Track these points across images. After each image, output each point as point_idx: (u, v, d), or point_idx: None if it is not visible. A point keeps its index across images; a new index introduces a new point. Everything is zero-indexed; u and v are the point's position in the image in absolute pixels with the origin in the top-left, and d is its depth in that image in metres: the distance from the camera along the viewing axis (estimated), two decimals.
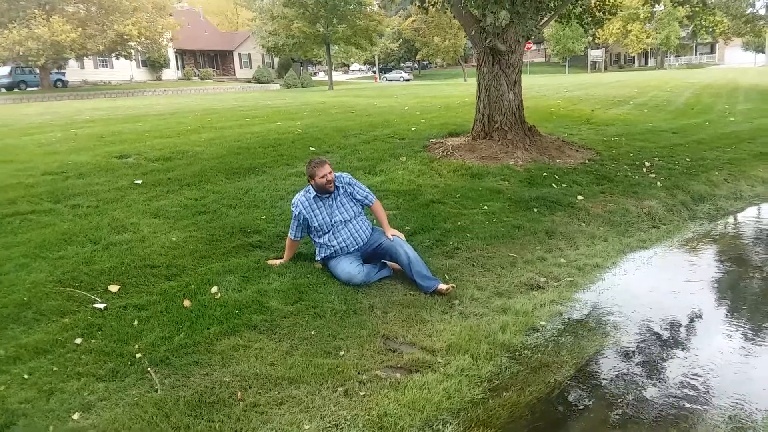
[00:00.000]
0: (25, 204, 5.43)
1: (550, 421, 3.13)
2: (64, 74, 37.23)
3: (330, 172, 4.47)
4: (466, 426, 3.02)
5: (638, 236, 6.16)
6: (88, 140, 8.56)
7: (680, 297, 4.80)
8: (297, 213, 4.55)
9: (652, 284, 5.03)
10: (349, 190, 4.64)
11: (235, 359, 3.42)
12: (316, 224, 4.53)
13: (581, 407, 3.28)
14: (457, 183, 7.08)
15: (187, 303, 3.93)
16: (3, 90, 34.14)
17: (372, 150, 8.34)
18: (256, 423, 2.91)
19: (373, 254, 4.66)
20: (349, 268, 4.44)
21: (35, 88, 34.65)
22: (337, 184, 4.57)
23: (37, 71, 34.29)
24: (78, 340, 3.43)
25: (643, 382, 3.51)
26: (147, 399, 2.99)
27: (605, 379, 3.55)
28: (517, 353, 3.73)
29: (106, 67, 43.31)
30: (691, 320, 4.43)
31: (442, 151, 8.37)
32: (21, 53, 29.82)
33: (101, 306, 3.82)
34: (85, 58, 37.17)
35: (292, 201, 4.65)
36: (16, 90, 34.13)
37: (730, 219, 7.26)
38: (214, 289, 4.14)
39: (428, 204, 6.25)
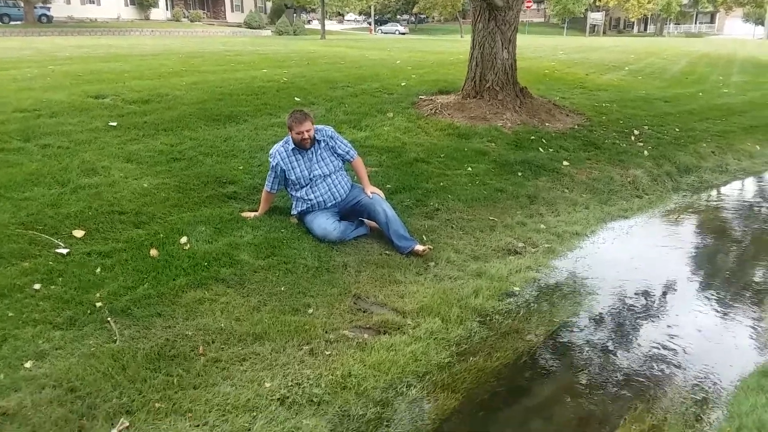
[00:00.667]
0: None
1: (514, 388, 3.11)
2: (49, 9, 35.90)
3: (309, 130, 4.29)
4: (430, 389, 2.99)
5: (620, 205, 6.11)
6: (64, 78, 8.23)
7: (657, 267, 4.78)
8: (274, 164, 4.41)
9: (630, 254, 4.99)
10: (330, 144, 4.48)
11: (200, 312, 3.33)
12: (294, 177, 4.40)
13: (547, 374, 3.26)
14: (443, 142, 6.93)
15: (154, 252, 3.82)
16: None
17: (359, 104, 8.13)
18: (215, 378, 2.85)
19: (351, 211, 4.55)
20: (325, 224, 4.34)
21: (18, 22, 33.41)
22: (318, 137, 4.40)
23: (21, 4, 32.99)
24: (37, 286, 3.32)
25: (611, 351, 3.50)
26: (104, 350, 2.91)
27: (574, 347, 3.53)
28: (488, 318, 3.69)
29: (93, 4, 41.84)
30: (666, 290, 4.42)
31: (431, 109, 8.18)
32: None
33: (64, 251, 3.70)
34: None
35: (270, 151, 4.50)
36: None
37: (714, 192, 7.22)
38: (183, 240, 4.02)
39: (412, 163, 6.12)
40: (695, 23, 64.90)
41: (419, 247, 4.33)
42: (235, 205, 4.64)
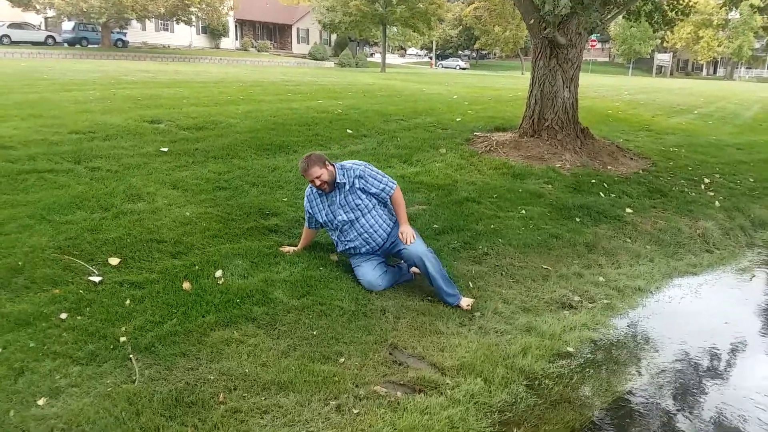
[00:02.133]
0: (44, 162, 5.29)
1: None
2: (125, 34, 37.88)
3: (318, 176, 3.85)
4: None
5: (688, 260, 5.62)
6: (123, 102, 8.44)
7: (729, 332, 4.29)
8: (305, 204, 4.20)
9: (699, 315, 4.52)
10: (359, 185, 3.97)
11: (226, 355, 3.14)
12: (321, 220, 4.14)
13: None
14: (497, 182, 6.63)
15: (186, 286, 3.67)
16: (65, 45, 34.97)
17: (411, 138, 7.95)
18: None
19: (396, 256, 4.27)
20: (370, 275, 4.04)
21: (96, 46, 35.35)
22: (340, 180, 3.95)
23: (99, 29, 34.95)
24: (63, 315, 3.22)
25: (678, 428, 3.07)
26: (121, 391, 2.74)
27: (635, 422, 3.12)
28: (536, 382, 3.33)
29: (167, 30, 43.94)
30: (738, 358, 3.93)
31: (486, 146, 7.91)
32: (84, 9, 30.43)
33: (97, 279, 3.60)
34: (146, 20, 37.73)
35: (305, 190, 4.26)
36: (77, 46, 34.89)
37: None
38: (218, 273, 3.87)
39: (462, 202, 5.84)
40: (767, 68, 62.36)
41: (463, 303, 4.01)
42: (275, 238, 4.48)
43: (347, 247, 4.14)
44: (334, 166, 3.98)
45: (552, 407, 3.13)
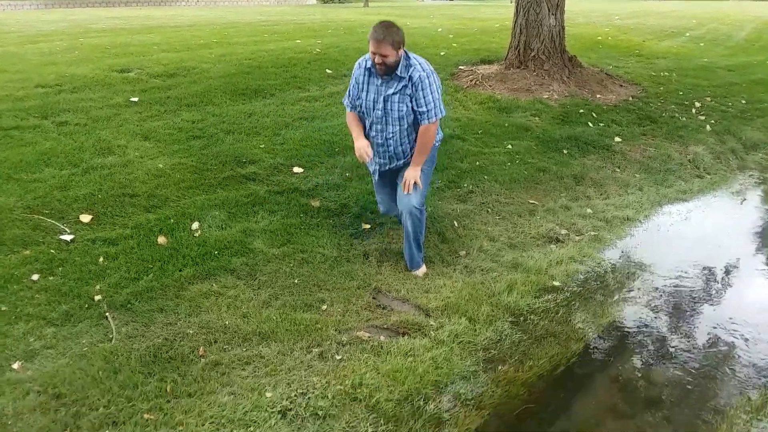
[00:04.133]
0: (9, 119, 5.06)
1: (547, 404, 2.73)
2: None
3: (385, 56, 3.11)
4: (451, 404, 2.65)
5: (678, 186, 5.54)
6: (92, 51, 8.05)
7: (719, 258, 4.26)
8: (351, 80, 3.47)
9: (689, 242, 4.47)
10: (410, 92, 3.24)
11: (205, 308, 3.07)
12: (358, 97, 3.42)
13: (588, 389, 2.86)
14: (482, 117, 6.45)
15: (162, 240, 3.57)
16: None
17: None
18: (213, 386, 2.58)
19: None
20: (378, 194, 3.73)
21: None
22: (402, 73, 3.21)
23: None
24: (35, 276, 3.13)
25: (665, 362, 3.07)
26: (97, 350, 2.68)
27: (621, 356, 3.11)
28: (521, 318, 3.30)
29: None
30: (730, 286, 3.91)
31: (471, 80, 7.66)
32: None
33: (68, 238, 3.49)
34: None
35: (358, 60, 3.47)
36: None
37: None
38: (194, 225, 3.77)
39: (446, 139, 5.65)
40: None
41: (420, 271, 3.69)
42: (252, 187, 4.34)
43: (372, 141, 3.46)
44: (404, 54, 3.25)
45: (537, 342, 3.11)
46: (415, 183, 3.37)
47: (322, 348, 2.87)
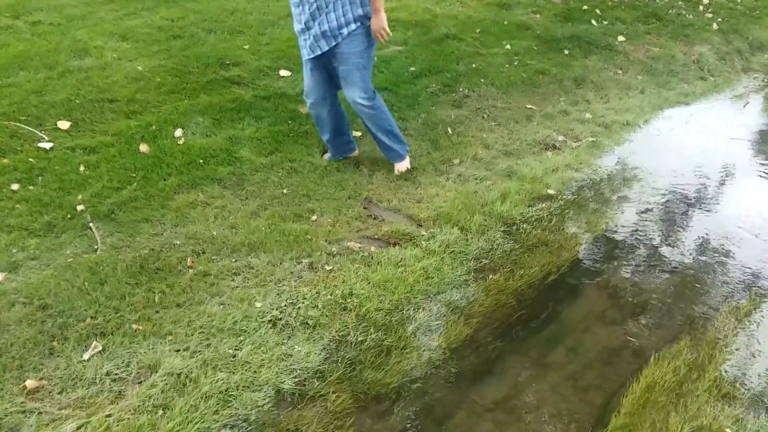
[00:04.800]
0: None
1: (537, 312, 2.74)
2: None
3: None
4: (440, 312, 2.66)
5: (680, 89, 5.35)
6: None
7: (720, 164, 4.18)
8: None
9: (688, 148, 4.37)
10: None
11: (192, 218, 3.01)
12: None
13: (577, 298, 2.87)
14: (481, 14, 6.10)
15: (144, 148, 3.45)
16: None
17: None
18: (202, 296, 2.56)
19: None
20: (305, 78, 3.32)
21: None
22: None
23: None
24: (15, 186, 3.03)
25: (658, 270, 3.07)
26: (82, 261, 2.64)
27: (611, 265, 3.10)
28: (514, 227, 3.25)
29: None
30: (724, 195, 3.86)
31: None
32: None
33: (47, 146, 3.36)
34: None
35: None
36: None
37: None
38: (178, 133, 3.62)
39: (441, 40, 5.39)
40: None
41: (403, 165, 3.58)
42: (237, 91, 4.15)
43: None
44: None
45: (528, 251, 3.08)
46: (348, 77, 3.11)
47: (312, 259, 2.84)
